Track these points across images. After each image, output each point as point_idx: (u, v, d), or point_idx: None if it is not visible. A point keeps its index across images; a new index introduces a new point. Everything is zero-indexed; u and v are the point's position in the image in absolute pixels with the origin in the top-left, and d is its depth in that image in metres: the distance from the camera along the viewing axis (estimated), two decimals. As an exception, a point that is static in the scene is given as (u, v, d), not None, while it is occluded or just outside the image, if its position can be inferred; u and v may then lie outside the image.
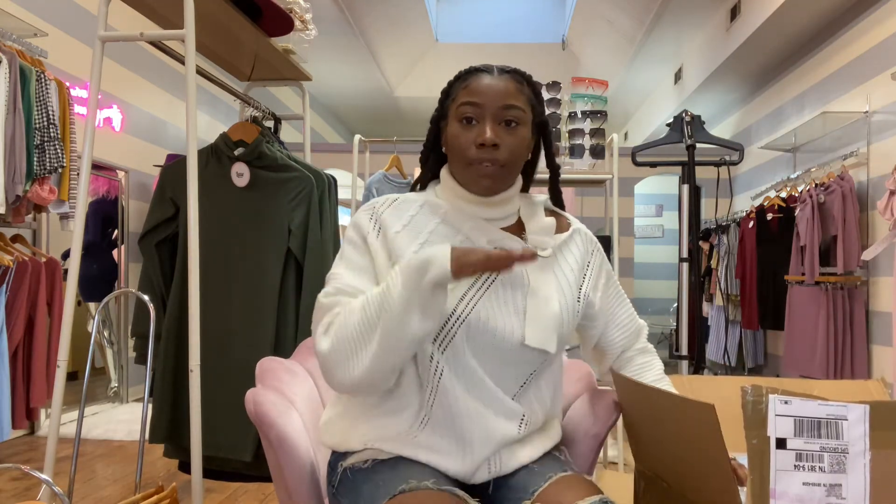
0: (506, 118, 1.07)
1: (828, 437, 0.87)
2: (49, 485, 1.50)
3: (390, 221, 1.11)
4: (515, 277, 1.09)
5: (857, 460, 0.86)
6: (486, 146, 1.05)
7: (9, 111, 2.80)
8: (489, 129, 1.05)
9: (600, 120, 3.20)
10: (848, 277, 3.94)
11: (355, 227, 1.13)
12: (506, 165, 1.07)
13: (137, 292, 2.08)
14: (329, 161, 6.34)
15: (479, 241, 1.09)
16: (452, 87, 1.13)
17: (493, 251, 0.94)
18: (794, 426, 0.87)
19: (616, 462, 3.12)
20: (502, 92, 1.07)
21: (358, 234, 1.12)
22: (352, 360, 0.98)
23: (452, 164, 1.12)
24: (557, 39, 7.50)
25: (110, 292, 4.34)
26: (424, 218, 1.12)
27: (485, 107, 1.06)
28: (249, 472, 2.09)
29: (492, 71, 1.10)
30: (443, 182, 1.16)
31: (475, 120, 1.07)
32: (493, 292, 1.07)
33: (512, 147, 1.07)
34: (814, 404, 0.87)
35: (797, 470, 0.86)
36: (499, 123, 1.07)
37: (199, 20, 1.79)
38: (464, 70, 1.13)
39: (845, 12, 4.29)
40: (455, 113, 1.09)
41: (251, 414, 1.17)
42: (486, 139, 1.04)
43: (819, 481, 0.86)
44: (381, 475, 1.02)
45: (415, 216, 1.12)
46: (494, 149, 1.05)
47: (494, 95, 1.07)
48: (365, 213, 1.13)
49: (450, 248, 0.96)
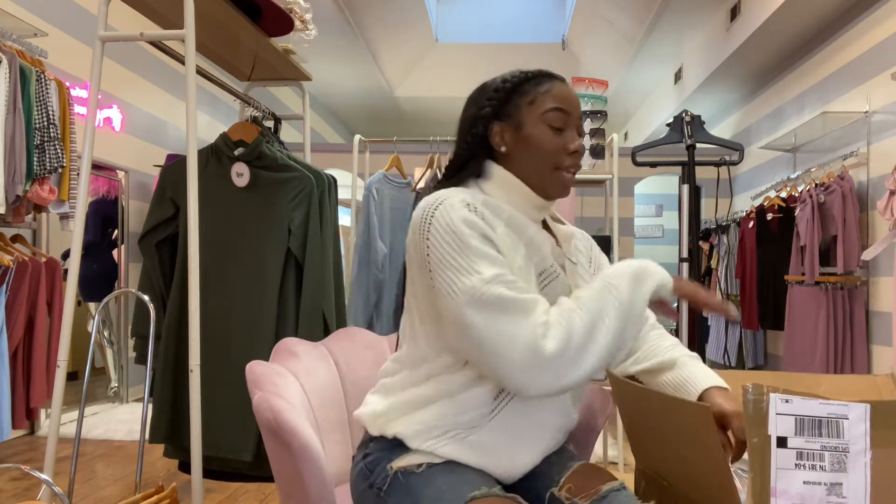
0: (581, 130, 1.14)
1: (828, 435, 0.87)
2: (49, 485, 1.50)
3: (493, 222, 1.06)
4: (565, 288, 1.11)
5: (858, 459, 0.86)
6: (577, 153, 1.11)
7: (9, 111, 2.80)
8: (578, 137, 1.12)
9: (600, 120, 3.21)
10: (848, 277, 3.93)
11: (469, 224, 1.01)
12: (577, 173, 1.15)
13: (137, 292, 2.07)
14: (329, 161, 6.34)
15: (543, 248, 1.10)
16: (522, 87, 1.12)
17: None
18: (794, 425, 0.87)
19: (616, 462, 3.12)
20: (578, 103, 1.14)
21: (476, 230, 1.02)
22: (583, 356, 0.97)
23: (526, 166, 1.11)
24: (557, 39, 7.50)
25: (110, 292, 4.34)
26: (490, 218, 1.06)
27: (571, 115, 1.11)
28: (249, 472, 2.09)
29: (563, 79, 1.14)
30: (502, 181, 1.12)
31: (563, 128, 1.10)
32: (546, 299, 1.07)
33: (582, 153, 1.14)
34: (814, 403, 0.87)
35: (798, 469, 0.86)
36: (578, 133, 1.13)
37: (199, 20, 1.79)
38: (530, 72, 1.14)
39: (845, 12, 4.29)
40: (542, 117, 1.10)
41: (270, 423, 1.13)
42: (578, 146, 1.10)
43: (820, 480, 0.86)
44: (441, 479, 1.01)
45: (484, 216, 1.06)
46: (578, 156, 1.12)
47: (576, 106, 1.13)
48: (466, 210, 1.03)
49: None
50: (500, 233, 1.05)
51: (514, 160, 1.12)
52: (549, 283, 1.08)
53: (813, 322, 4.00)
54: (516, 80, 1.13)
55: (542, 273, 1.08)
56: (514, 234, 1.08)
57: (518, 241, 1.07)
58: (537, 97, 1.10)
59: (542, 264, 1.09)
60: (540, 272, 1.08)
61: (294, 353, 1.52)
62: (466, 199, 1.05)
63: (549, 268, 1.09)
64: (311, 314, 2.07)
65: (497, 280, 0.97)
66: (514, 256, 1.05)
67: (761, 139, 5.45)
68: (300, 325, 2.07)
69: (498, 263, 1.00)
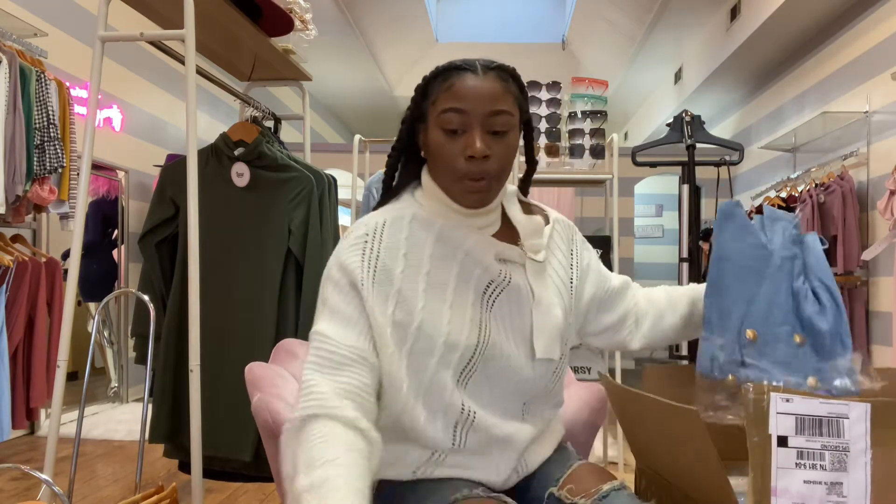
0: (494, 127, 0.96)
1: (829, 435, 0.87)
2: (49, 485, 1.50)
3: (391, 260, 0.98)
4: (521, 291, 1.03)
5: (859, 458, 0.86)
6: (477, 159, 0.95)
7: (9, 111, 2.80)
8: (478, 139, 0.95)
9: (600, 120, 3.21)
10: (848, 277, 3.93)
11: (343, 271, 0.97)
12: (497, 177, 0.99)
13: (137, 292, 2.07)
14: (329, 161, 6.34)
15: (484, 258, 1.01)
16: (431, 85, 1.00)
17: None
18: (795, 424, 0.87)
19: (616, 462, 3.12)
20: (489, 95, 0.96)
21: (347, 278, 0.97)
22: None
23: (437, 174, 1.01)
24: (557, 39, 7.50)
25: (110, 292, 4.34)
26: (419, 239, 1.01)
27: (471, 114, 0.95)
28: (249, 472, 2.09)
29: (475, 69, 0.97)
30: (426, 189, 1.05)
31: (461, 129, 0.96)
32: (499, 312, 1.02)
33: (502, 157, 0.97)
34: (815, 402, 0.87)
35: (798, 468, 0.86)
36: (487, 131, 0.96)
37: (199, 20, 1.79)
38: (442, 66, 1.00)
39: (845, 12, 4.29)
40: (437, 120, 0.97)
41: (268, 425, 1.13)
42: (476, 151, 0.94)
43: (820, 479, 0.86)
44: (424, 486, 1.00)
45: (409, 238, 1.00)
46: (485, 161, 0.96)
47: (481, 100, 0.95)
48: (355, 252, 0.98)
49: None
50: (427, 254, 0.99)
51: (431, 166, 1.04)
52: (499, 294, 1.01)
53: (813, 322, 4.00)
54: (429, 77, 1.01)
55: (489, 285, 1.01)
56: (447, 247, 1.00)
57: (452, 258, 1.00)
58: (438, 96, 0.98)
59: (486, 276, 1.01)
60: (486, 284, 1.01)
61: (294, 353, 1.52)
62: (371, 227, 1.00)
63: (497, 277, 1.01)
64: (312, 314, 2.07)
65: (315, 338, 0.95)
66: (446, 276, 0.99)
67: (761, 139, 5.45)
68: (300, 325, 2.07)
69: (337, 319, 0.95)
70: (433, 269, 0.99)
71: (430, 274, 0.99)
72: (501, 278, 1.01)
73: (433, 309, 0.98)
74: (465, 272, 1.00)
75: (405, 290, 0.97)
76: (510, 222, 1.10)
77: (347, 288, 0.97)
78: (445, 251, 1.01)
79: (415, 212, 1.03)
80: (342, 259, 0.98)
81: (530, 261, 1.05)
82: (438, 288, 0.99)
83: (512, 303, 1.02)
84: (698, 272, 2.81)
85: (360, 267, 0.97)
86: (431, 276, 0.99)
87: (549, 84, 3.26)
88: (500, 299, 1.01)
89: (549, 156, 3.24)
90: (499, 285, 1.01)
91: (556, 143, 3.24)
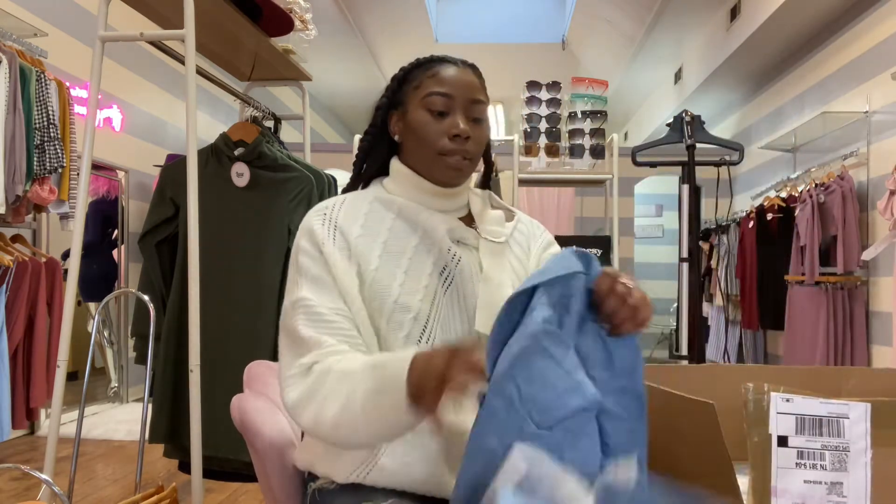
0: (474, 114, 1.06)
1: (829, 435, 0.87)
2: (49, 485, 1.50)
3: (347, 224, 1.04)
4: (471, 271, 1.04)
5: (859, 458, 0.86)
6: (461, 138, 1.03)
7: (9, 111, 2.80)
8: (462, 120, 1.04)
9: (600, 120, 3.21)
10: (848, 277, 3.93)
11: (308, 235, 1.04)
12: (473, 159, 1.07)
13: (137, 292, 2.07)
14: (329, 161, 6.34)
15: (437, 231, 1.04)
16: (411, 74, 1.09)
17: (454, 352, 0.82)
18: (795, 424, 0.87)
19: (616, 462, 3.12)
20: (471, 85, 1.06)
21: (312, 243, 1.03)
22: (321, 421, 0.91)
23: (414, 153, 1.08)
24: (557, 39, 7.49)
25: (110, 292, 4.34)
26: (378, 215, 1.07)
27: (455, 98, 1.04)
28: (249, 472, 2.09)
29: (456, 62, 1.08)
30: (396, 174, 1.11)
31: (446, 111, 1.04)
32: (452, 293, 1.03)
33: (479, 141, 1.06)
34: (815, 402, 0.87)
35: (798, 468, 0.86)
36: (468, 117, 1.05)
37: (199, 20, 1.79)
38: (423, 58, 1.09)
39: (845, 12, 4.29)
40: (422, 102, 1.05)
41: (236, 421, 1.13)
42: (461, 130, 1.03)
43: (820, 479, 0.86)
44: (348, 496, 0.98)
45: (368, 214, 1.07)
46: (466, 141, 1.04)
47: (464, 88, 1.05)
48: (317, 218, 1.05)
49: (409, 361, 0.84)
50: (385, 227, 1.05)
51: (405, 149, 1.09)
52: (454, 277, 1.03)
53: (813, 322, 4.00)
54: (408, 67, 1.10)
55: (446, 266, 1.04)
56: (407, 224, 1.06)
57: (412, 232, 1.05)
58: (422, 81, 1.06)
59: (442, 257, 1.04)
60: (444, 265, 1.04)
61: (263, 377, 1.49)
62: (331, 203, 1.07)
63: (448, 256, 1.04)
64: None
65: (299, 305, 0.98)
66: (403, 247, 1.04)
67: (761, 139, 5.45)
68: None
69: (316, 284, 0.98)
70: (391, 239, 1.04)
71: (386, 243, 1.04)
72: (451, 256, 1.04)
73: (387, 271, 1.01)
74: (424, 247, 1.04)
75: (360, 251, 1.02)
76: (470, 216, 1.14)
77: (315, 253, 1.02)
78: (403, 227, 1.06)
79: (377, 194, 1.09)
80: (305, 226, 1.05)
81: (486, 241, 1.08)
82: (394, 255, 1.03)
83: (465, 282, 1.03)
84: (698, 272, 2.81)
85: (321, 231, 1.03)
86: (388, 244, 1.04)
87: (549, 84, 3.25)
88: (455, 281, 1.03)
89: (549, 156, 3.24)
90: (454, 267, 1.04)
91: (556, 143, 3.24)
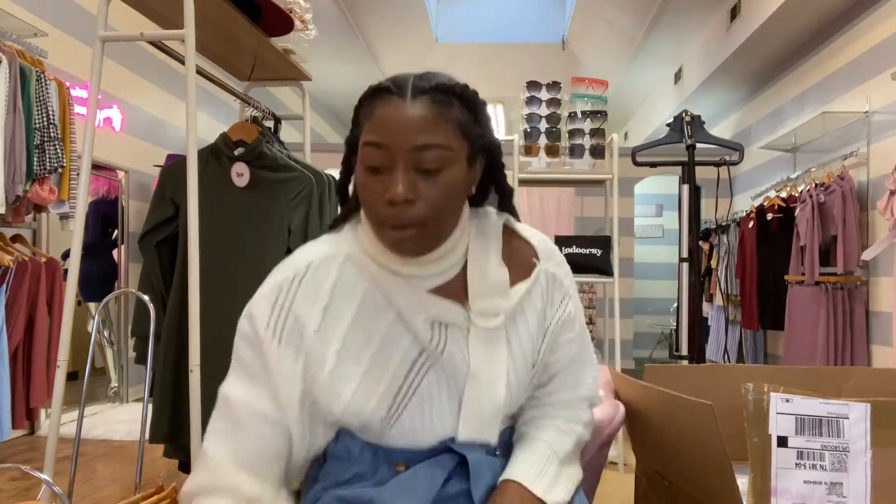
0: (422, 164, 0.80)
1: (829, 435, 0.87)
2: (49, 485, 1.50)
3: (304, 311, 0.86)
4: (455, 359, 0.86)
5: (858, 458, 0.86)
6: (397, 204, 0.79)
7: (9, 111, 2.80)
8: (400, 180, 0.79)
9: (600, 120, 3.21)
10: (848, 277, 3.93)
11: (250, 321, 0.87)
12: (427, 224, 0.81)
13: (137, 292, 2.07)
14: (329, 161, 6.30)
15: (414, 320, 0.86)
16: (360, 109, 0.86)
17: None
18: (795, 424, 0.87)
19: (616, 462, 3.12)
20: (415, 126, 0.79)
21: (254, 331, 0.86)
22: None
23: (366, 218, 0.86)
24: (557, 39, 7.49)
25: (110, 292, 4.34)
26: (349, 282, 0.88)
27: (393, 149, 0.79)
28: (249, 472, 2.09)
29: (403, 93, 0.81)
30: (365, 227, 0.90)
31: (383, 166, 0.81)
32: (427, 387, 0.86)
33: (434, 200, 0.80)
34: (815, 402, 0.87)
35: (798, 468, 0.86)
36: (414, 169, 0.80)
37: (199, 20, 1.79)
38: (371, 87, 0.85)
39: (845, 12, 4.29)
40: (360, 154, 0.83)
41: None
42: (394, 196, 0.79)
43: (820, 479, 0.86)
44: None
45: (336, 286, 0.87)
46: (408, 206, 0.79)
47: (404, 133, 0.79)
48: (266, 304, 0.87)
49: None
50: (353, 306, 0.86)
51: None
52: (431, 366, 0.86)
53: (813, 322, 4.00)
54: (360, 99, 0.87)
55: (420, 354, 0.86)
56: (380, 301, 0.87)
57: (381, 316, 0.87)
58: (363, 125, 0.84)
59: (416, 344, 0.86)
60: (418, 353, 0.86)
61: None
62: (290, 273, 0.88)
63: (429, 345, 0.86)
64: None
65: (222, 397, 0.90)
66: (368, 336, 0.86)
67: (761, 139, 5.45)
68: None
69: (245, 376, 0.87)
70: (354, 326, 0.86)
71: (349, 332, 0.86)
72: (434, 346, 0.86)
73: (341, 371, 0.85)
74: (394, 335, 0.86)
75: (314, 349, 0.85)
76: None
77: (255, 344, 0.87)
78: (376, 302, 0.87)
79: (350, 252, 0.89)
80: (251, 309, 0.88)
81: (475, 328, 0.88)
82: (356, 348, 0.86)
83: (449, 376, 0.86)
84: (698, 272, 2.81)
85: (267, 321, 0.86)
86: (353, 330, 0.86)
87: (549, 84, 3.26)
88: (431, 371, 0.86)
89: (549, 156, 3.24)
90: (430, 355, 0.86)
91: (556, 143, 3.24)
